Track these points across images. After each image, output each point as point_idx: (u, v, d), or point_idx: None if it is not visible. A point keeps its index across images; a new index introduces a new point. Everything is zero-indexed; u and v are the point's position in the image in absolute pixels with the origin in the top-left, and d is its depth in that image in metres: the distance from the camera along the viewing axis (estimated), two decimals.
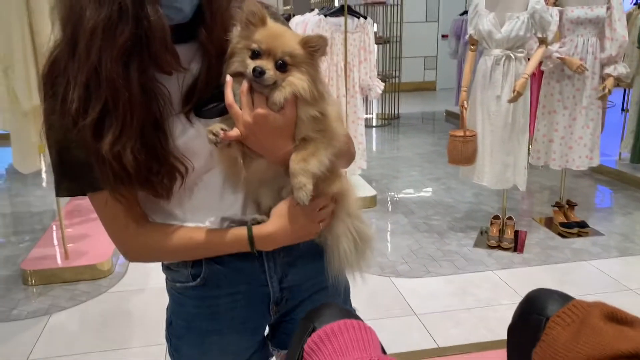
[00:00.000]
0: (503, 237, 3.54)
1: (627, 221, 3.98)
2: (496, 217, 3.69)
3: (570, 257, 3.35)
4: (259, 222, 0.91)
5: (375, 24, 5.50)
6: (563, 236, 3.67)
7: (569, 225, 3.70)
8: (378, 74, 4.75)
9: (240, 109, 0.84)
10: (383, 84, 4.45)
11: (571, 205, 3.83)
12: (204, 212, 0.92)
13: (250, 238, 0.90)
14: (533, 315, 0.68)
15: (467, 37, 3.54)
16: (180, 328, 1.01)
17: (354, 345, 0.60)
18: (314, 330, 0.62)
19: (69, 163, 0.84)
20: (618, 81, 4.31)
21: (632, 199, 4.42)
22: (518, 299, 0.77)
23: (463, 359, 0.85)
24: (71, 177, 0.86)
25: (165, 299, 1.06)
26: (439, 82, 10.56)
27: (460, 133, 3.41)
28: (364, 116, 4.53)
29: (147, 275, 3.17)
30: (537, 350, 0.65)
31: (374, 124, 8.02)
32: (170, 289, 1.03)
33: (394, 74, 8.11)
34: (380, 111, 8.22)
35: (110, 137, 0.78)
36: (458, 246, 3.54)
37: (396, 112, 8.26)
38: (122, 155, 0.78)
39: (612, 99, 5.48)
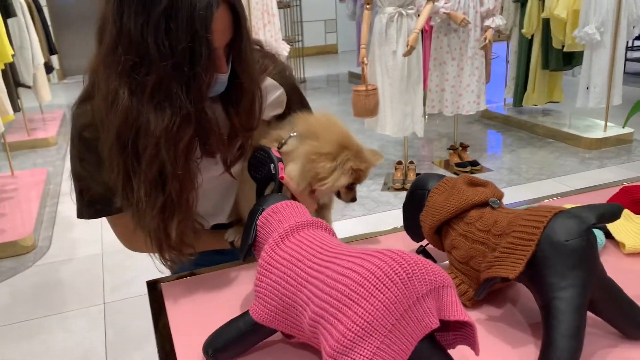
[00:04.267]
0: (406, 179, 3.92)
1: (513, 157, 4.51)
2: (399, 163, 4.06)
3: None
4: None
5: None
6: (458, 175, 4.11)
7: (463, 164, 4.15)
8: (283, 38, 4.91)
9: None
10: (289, 46, 4.63)
11: (464, 147, 4.28)
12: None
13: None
14: (418, 191, 0.93)
15: None
16: None
17: (293, 215, 0.82)
18: (263, 210, 0.83)
19: (90, 196, 0.97)
20: (498, 33, 4.79)
21: (516, 139, 4.97)
22: None
23: (370, 241, 1.10)
24: (90, 205, 0.98)
25: (93, 265, 1.20)
26: (340, 45, 10.86)
27: (362, 88, 3.68)
28: None
29: (73, 246, 3.21)
30: (423, 214, 0.90)
31: None
32: None
33: (297, 38, 8.28)
34: None
35: (176, 223, 0.89)
36: (368, 191, 3.87)
37: (302, 76, 8.47)
38: (184, 234, 0.92)
39: (496, 51, 6.02)
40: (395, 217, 3.45)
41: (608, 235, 1.01)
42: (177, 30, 0.78)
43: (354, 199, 1.04)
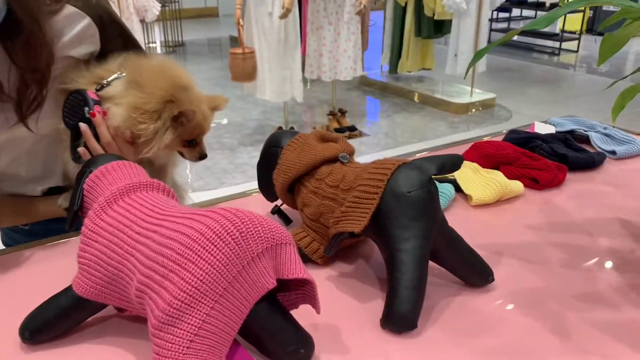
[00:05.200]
0: None
1: (388, 123, 4.66)
2: (280, 129, 4.02)
3: None
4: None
5: None
6: None
7: (341, 130, 4.21)
8: None
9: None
10: (160, 5, 4.34)
11: (342, 112, 4.34)
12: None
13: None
14: (272, 149, 0.89)
15: None
16: None
17: (126, 176, 0.73)
18: (90, 172, 0.73)
19: None
20: (375, 0, 4.85)
21: (392, 104, 5.15)
22: None
23: (226, 205, 1.04)
24: None
25: None
26: (221, 8, 10.49)
27: (239, 50, 3.57)
28: (145, 43, 4.40)
29: None
30: (275, 172, 0.86)
31: (159, 52, 7.75)
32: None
33: None
34: (163, 39, 7.95)
35: None
36: (249, 158, 3.80)
37: (180, 39, 8.07)
38: None
39: (373, 19, 6.13)
40: None
41: (457, 188, 1.04)
42: None
43: (202, 156, 0.95)
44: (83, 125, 0.87)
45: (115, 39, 0.96)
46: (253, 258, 0.57)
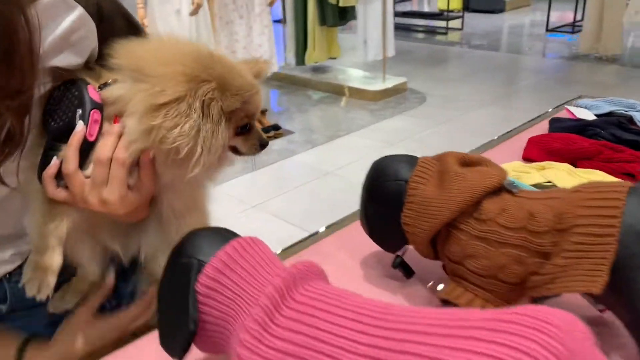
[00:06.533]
0: None
1: (307, 117, 4.48)
2: None
3: (277, 157, 3.60)
4: None
5: None
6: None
7: (266, 129, 3.95)
8: None
9: None
10: None
11: (262, 112, 4.08)
12: None
13: None
14: (389, 183, 0.66)
15: None
16: None
17: (260, 263, 0.47)
18: (200, 265, 0.47)
19: None
20: None
21: (305, 98, 4.96)
22: (249, 207, 0.74)
23: (328, 241, 0.81)
24: None
25: None
26: None
27: None
28: None
29: None
30: (407, 214, 0.64)
31: None
32: None
33: None
34: None
35: None
36: None
37: None
38: None
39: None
40: (221, 193, 3.10)
41: None
42: None
43: (263, 144, 0.69)
44: (80, 125, 0.58)
45: (122, 35, 0.66)
46: None
